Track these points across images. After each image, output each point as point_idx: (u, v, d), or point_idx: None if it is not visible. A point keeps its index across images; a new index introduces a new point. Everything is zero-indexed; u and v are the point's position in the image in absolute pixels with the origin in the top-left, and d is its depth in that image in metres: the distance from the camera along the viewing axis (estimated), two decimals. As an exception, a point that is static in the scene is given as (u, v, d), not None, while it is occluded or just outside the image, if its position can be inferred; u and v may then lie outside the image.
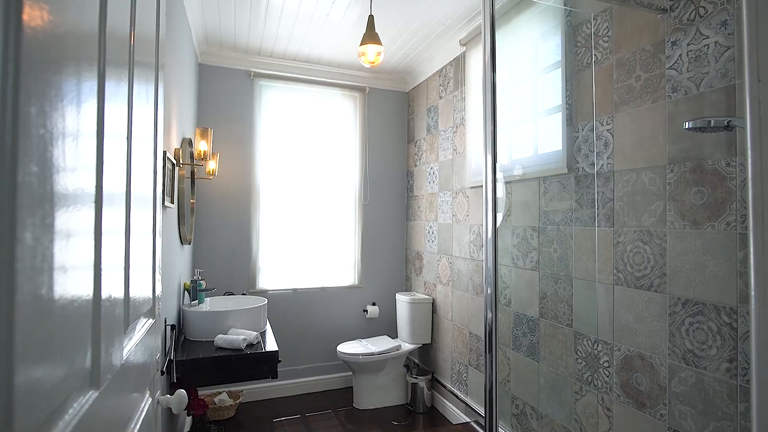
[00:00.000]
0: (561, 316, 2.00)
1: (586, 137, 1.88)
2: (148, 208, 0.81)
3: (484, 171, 1.29)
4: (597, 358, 1.80)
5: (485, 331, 1.30)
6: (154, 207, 0.87)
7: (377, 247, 3.66)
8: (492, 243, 1.25)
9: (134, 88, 0.68)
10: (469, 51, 2.77)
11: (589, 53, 1.87)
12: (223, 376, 2.01)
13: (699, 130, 1.21)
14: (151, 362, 0.85)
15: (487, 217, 1.27)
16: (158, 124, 0.91)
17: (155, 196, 0.87)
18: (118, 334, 0.60)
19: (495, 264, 1.25)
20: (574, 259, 1.93)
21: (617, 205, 1.72)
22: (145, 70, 0.75)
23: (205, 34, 2.92)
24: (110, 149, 0.55)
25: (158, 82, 0.90)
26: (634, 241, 1.65)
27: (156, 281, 0.89)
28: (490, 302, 1.28)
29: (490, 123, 1.29)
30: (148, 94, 0.80)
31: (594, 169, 1.83)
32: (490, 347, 1.31)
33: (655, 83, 1.57)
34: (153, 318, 0.87)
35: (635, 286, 1.64)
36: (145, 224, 0.78)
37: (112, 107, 0.56)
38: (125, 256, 0.64)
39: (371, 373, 3.08)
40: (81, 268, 0.46)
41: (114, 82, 0.56)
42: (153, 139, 0.87)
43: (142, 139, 0.76)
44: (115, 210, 0.59)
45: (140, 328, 0.78)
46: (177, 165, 2.02)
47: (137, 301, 0.72)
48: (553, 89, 2.16)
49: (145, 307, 0.81)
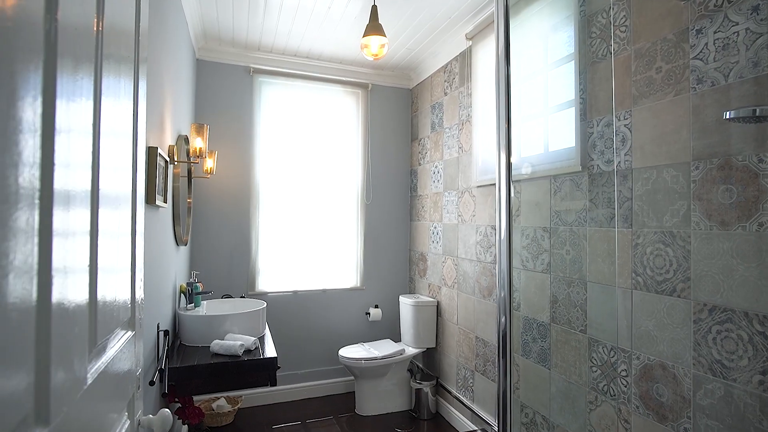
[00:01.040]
0: (574, 322, 1.90)
1: (601, 133, 1.78)
2: (125, 207, 0.72)
3: (497, 169, 1.20)
4: (614, 367, 1.70)
5: (498, 336, 1.20)
6: (133, 206, 0.78)
7: (380, 248, 3.57)
8: (506, 244, 1.16)
9: (102, 83, 0.60)
10: (476, 45, 2.68)
11: (605, 44, 1.77)
12: (220, 384, 1.92)
13: (742, 120, 1.11)
14: (130, 379, 0.76)
15: (500, 218, 1.18)
16: (139, 120, 0.82)
17: (135, 195, 0.78)
18: (79, 355, 0.51)
19: (509, 266, 1.16)
20: (589, 261, 1.83)
21: (636, 204, 1.62)
22: (118, 63, 0.67)
23: (202, 29, 2.83)
24: (65, 146, 0.47)
25: (139, 77, 0.82)
26: (654, 242, 1.55)
27: (137, 287, 0.80)
28: (504, 306, 1.18)
29: (503, 119, 1.21)
30: (125, 89, 0.72)
31: (610, 167, 1.73)
32: (504, 353, 1.22)
33: (678, 74, 1.47)
34: (132, 329, 0.78)
35: (656, 290, 1.54)
36: (121, 225, 0.69)
37: (68, 102, 0.48)
38: (90, 260, 0.55)
39: (374, 378, 2.99)
40: (21, 274, 0.36)
41: (69, 76, 0.48)
42: (133, 136, 0.79)
43: (117, 136, 0.67)
44: (75, 209, 0.49)
45: (115, 342, 0.68)
46: (171, 162, 1.93)
47: (109, 311, 0.63)
48: (565, 83, 2.06)
49: (122, 317, 0.71)
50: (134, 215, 0.78)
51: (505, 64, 1.20)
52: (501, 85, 1.20)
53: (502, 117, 1.19)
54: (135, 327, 0.79)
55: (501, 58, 1.21)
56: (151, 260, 1.58)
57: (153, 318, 1.68)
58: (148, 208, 1.51)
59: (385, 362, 2.94)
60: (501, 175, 1.18)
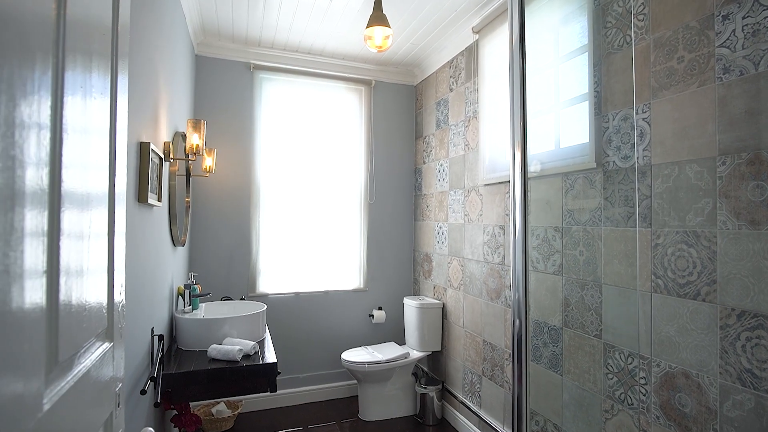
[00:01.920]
0: (588, 326, 1.81)
1: (617, 127, 1.69)
2: (99, 206, 0.64)
3: (511, 166, 1.12)
4: (631, 374, 1.61)
5: (513, 341, 1.12)
6: (111, 205, 0.70)
7: (384, 248, 3.48)
8: (521, 244, 1.08)
9: (67, 78, 0.53)
10: (483, 39, 2.59)
11: (621, 34, 1.68)
12: (217, 391, 1.84)
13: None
14: (107, 397, 0.68)
15: (514, 217, 1.09)
16: (118, 116, 0.75)
17: (113, 194, 0.71)
18: (31, 376, 0.43)
19: (524, 267, 1.08)
20: (604, 263, 1.74)
21: (655, 202, 1.53)
22: (87, 58, 0.59)
23: (201, 24, 2.76)
24: (8, 143, 0.39)
25: (118, 72, 0.75)
26: (676, 243, 1.46)
27: (115, 292, 0.72)
28: (519, 308, 1.10)
29: (518, 114, 1.12)
30: (98, 85, 0.64)
31: (628, 163, 1.64)
32: (519, 358, 1.14)
33: (702, 64, 1.38)
34: (110, 340, 0.70)
35: (678, 294, 1.45)
36: (94, 225, 0.61)
37: (20, 97, 0.41)
38: (48, 263, 0.47)
39: (378, 382, 2.90)
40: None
41: (14, 70, 0.41)
42: (110, 133, 0.71)
43: (88, 133, 0.60)
44: (25, 208, 0.41)
45: (87, 356, 0.60)
46: (167, 160, 1.85)
47: (77, 321, 0.55)
48: (577, 77, 1.98)
49: (96, 327, 0.63)
50: (112, 215, 0.70)
51: (519, 55, 1.12)
52: (515, 77, 1.12)
53: (516, 112, 1.10)
54: (114, 337, 0.71)
55: (515, 49, 1.13)
56: (143, 261, 1.51)
57: (146, 322, 1.60)
58: (140, 206, 1.43)
59: (389, 366, 2.86)
60: (515, 172, 1.10)
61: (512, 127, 1.22)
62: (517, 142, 1.11)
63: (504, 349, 2.40)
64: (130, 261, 1.31)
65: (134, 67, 1.32)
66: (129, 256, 1.29)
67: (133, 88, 1.32)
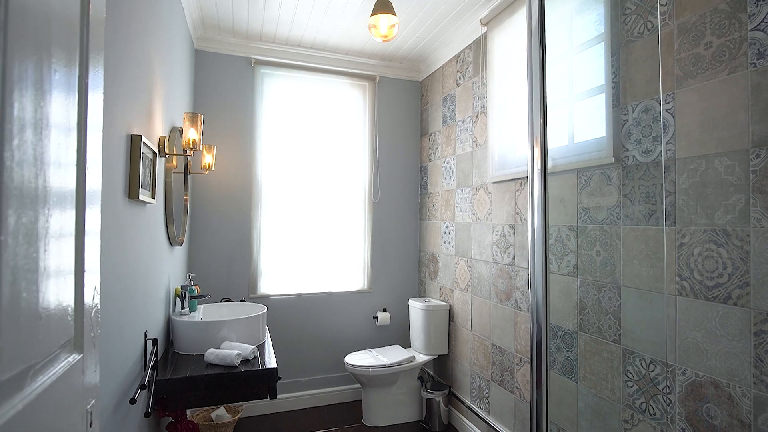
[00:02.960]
0: (605, 331, 1.71)
1: (638, 120, 1.59)
2: (62, 204, 0.56)
3: (530, 162, 1.03)
4: (653, 382, 1.51)
5: (531, 347, 1.03)
6: (80, 203, 0.62)
7: (388, 248, 3.39)
8: (541, 245, 0.98)
9: (13, 72, 0.44)
10: (492, 31, 2.49)
11: (642, 21, 1.58)
12: (214, 397, 1.75)
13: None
14: (74, 418, 0.59)
15: (534, 215, 1.00)
16: (90, 111, 0.67)
17: (82, 191, 0.63)
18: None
19: (544, 268, 0.98)
20: (623, 263, 1.64)
21: (680, 199, 1.43)
22: (47, 52, 0.51)
23: (200, 17, 2.68)
24: None
25: (89, 66, 0.67)
26: (703, 242, 1.36)
27: (86, 297, 0.63)
28: (537, 312, 1.01)
29: (538, 107, 1.03)
30: (59, 80, 0.57)
31: (649, 157, 1.54)
32: (539, 365, 1.04)
33: (733, 49, 1.28)
34: (79, 351, 0.61)
35: (705, 297, 1.35)
36: (52, 223, 0.53)
37: None
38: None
39: (382, 386, 2.81)
40: None
41: None
42: (79, 129, 0.64)
43: (46, 129, 0.52)
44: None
45: (45, 373, 0.51)
46: (162, 155, 1.77)
47: (29, 332, 0.46)
48: (593, 67, 1.88)
49: (58, 337, 0.54)
50: (81, 213, 0.62)
51: (539, 43, 1.03)
52: (535, 68, 1.03)
53: (535, 104, 1.02)
54: (84, 347, 0.63)
55: (534, 38, 1.04)
56: (135, 261, 1.42)
57: (139, 325, 1.52)
58: (131, 203, 1.35)
59: (394, 370, 2.76)
60: (534, 168, 1.01)
61: (530, 120, 1.13)
62: (536, 137, 1.02)
63: (514, 353, 2.30)
64: (119, 261, 1.23)
65: (123, 60, 1.24)
66: (117, 255, 1.21)
67: (122, 80, 1.24)
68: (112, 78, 1.14)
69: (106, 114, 1.11)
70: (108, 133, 1.11)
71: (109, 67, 1.11)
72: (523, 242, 2.24)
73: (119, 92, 1.21)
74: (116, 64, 1.17)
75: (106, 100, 1.10)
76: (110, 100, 1.13)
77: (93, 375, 0.67)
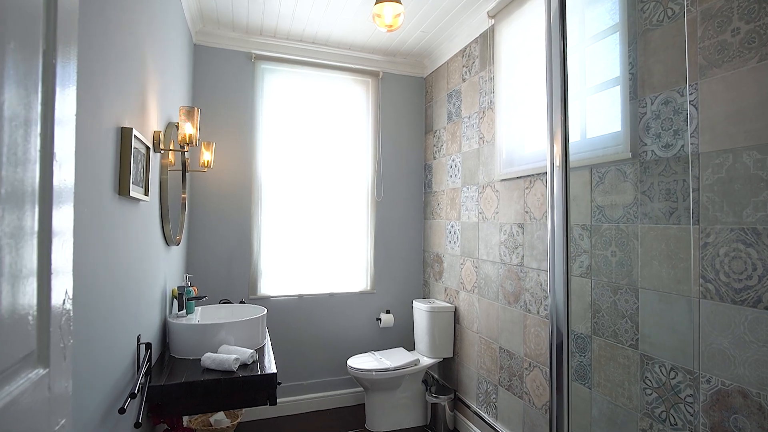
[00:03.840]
0: (622, 335, 1.62)
1: (657, 112, 1.51)
2: (21, 202, 0.48)
3: (549, 157, 0.96)
4: (675, 390, 1.42)
5: (551, 354, 0.95)
6: (44, 201, 0.55)
7: (392, 248, 3.31)
8: (562, 244, 0.90)
9: None
10: (500, 23, 2.41)
11: (662, 8, 1.50)
12: (211, 404, 1.67)
13: None
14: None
15: (554, 214, 0.92)
16: (59, 106, 0.60)
17: (48, 188, 0.56)
18: None
19: (567, 269, 0.90)
20: (641, 264, 1.55)
21: (704, 196, 1.34)
22: None
23: (199, 10, 2.60)
24: None
25: (57, 59, 0.61)
26: (730, 242, 1.27)
27: (54, 303, 0.55)
28: (558, 317, 0.93)
29: (559, 100, 0.95)
30: (16, 73, 0.49)
31: (669, 152, 1.46)
32: (559, 374, 0.96)
33: (764, 35, 1.20)
34: (44, 366, 0.53)
35: (733, 300, 1.26)
36: (4, 223, 0.45)
37: None
38: None
39: (386, 390, 2.73)
40: None
41: None
42: (43, 124, 0.56)
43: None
44: None
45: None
46: (157, 151, 1.69)
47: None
48: (607, 59, 1.79)
49: (16, 350, 0.47)
50: (47, 211, 0.55)
51: (559, 32, 0.95)
52: (554, 58, 0.96)
53: (555, 97, 0.94)
54: (51, 361, 0.55)
55: (554, 26, 0.96)
56: (127, 262, 1.35)
57: (132, 329, 1.44)
58: (121, 200, 1.27)
59: (398, 374, 2.68)
60: (554, 163, 0.93)
61: (549, 115, 1.06)
62: (556, 131, 0.94)
63: (523, 357, 2.21)
64: (107, 261, 1.15)
65: (112, 51, 1.17)
66: (105, 255, 1.13)
67: (112, 72, 1.17)
68: (100, 69, 1.07)
69: (92, 105, 1.03)
70: (93, 125, 1.04)
71: (95, 58, 1.04)
72: (532, 242, 2.15)
73: (107, 83, 1.13)
74: (104, 55, 1.10)
75: (93, 91, 1.03)
76: (96, 92, 1.06)
77: (63, 391, 0.59)
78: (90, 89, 1.01)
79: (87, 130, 0.99)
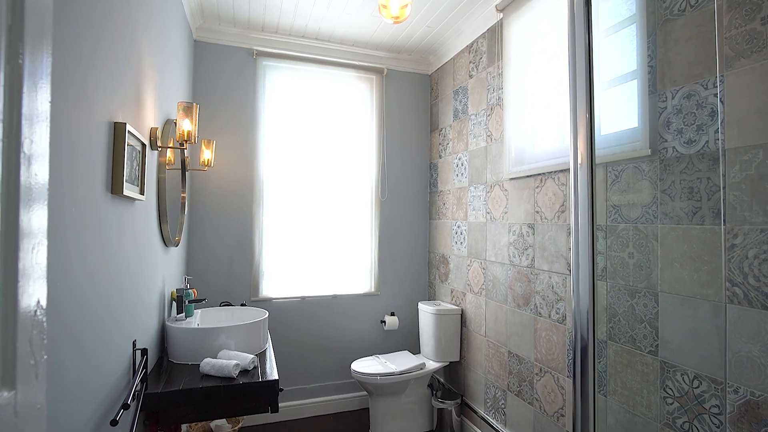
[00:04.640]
0: (640, 341, 1.55)
1: (678, 107, 1.43)
2: None
3: (571, 152, 0.89)
4: (699, 400, 1.35)
5: (574, 363, 0.88)
6: (10, 201, 0.48)
7: (397, 249, 3.23)
8: (587, 246, 0.83)
9: None
10: (508, 17, 2.34)
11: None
12: (210, 412, 1.61)
13: None
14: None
15: (577, 213, 0.85)
16: (23, 103, 0.53)
17: (15, 187, 0.49)
18: None
19: (593, 271, 0.83)
20: (661, 267, 1.47)
21: (731, 194, 1.27)
22: None
23: (199, 4, 2.54)
24: None
25: (24, 53, 0.54)
26: (760, 243, 1.19)
27: (20, 314, 0.48)
28: (581, 323, 0.85)
29: (582, 95, 0.89)
30: None
31: (692, 148, 1.38)
32: (584, 385, 0.89)
33: (798, 22, 1.12)
34: (9, 388, 0.47)
35: (763, 305, 1.18)
36: None
37: None
38: None
39: (391, 395, 2.66)
40: None
41: None
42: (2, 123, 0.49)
43: None
44: None
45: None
46: (154, 148, 1.63)
47: None
48: (623, 52, 1.72)
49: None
50: (12, 211, 0.47)
51: (584, 18, 0.88)
52: (579, 45, 0.89)
53: (580, 89, 0.87)
54: (17, 381, 0.48)
55: (579, 12, 0.89)
56: (121, 263, 1.28)
57: (128, 334, 1.38)
58: (114, 199, 1.21)
59: (404, 378, 2.61)
60: (577, 160, 0.86)
61: (573, 109, 0.99)
62: (580, 127, 0.87)
63: (533, 362, 2.14)
64: (99, 264, 1.09)
65: (103, 46, 1.10)
66: (96, 258, 1.06)
67: (103, 66, 1.10)
68: (89, 63, 1.00)
69: (81, 100, 0.97)
70: (81, 119, 0.97)
71: (85, 52, 0.98)
72: (543, 243, 2.08)
73: (98, 77, 1.07)
74: (94, 50, 1.04)
75: (82, 85, 0.96)
76: (86, 85, 0.99)
77: (35, 414, 0.52)
78: (76, 81, 0.94)
79: (73, 124, 0.92)
